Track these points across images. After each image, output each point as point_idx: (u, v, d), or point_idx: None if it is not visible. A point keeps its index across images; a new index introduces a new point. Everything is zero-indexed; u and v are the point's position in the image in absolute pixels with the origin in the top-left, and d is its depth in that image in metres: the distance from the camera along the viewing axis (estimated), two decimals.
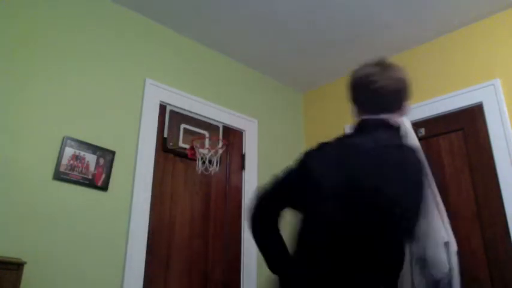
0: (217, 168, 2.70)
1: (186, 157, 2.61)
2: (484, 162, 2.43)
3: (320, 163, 1.27)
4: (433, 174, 2.56)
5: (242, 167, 2.93)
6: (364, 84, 1.35)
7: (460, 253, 2.35)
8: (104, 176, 2.20)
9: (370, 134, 1.32)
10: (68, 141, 2.11)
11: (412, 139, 2.55)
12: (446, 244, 2.29)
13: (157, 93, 2.56)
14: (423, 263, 2.28)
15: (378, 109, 1.34)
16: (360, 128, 1.36)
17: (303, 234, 1.27)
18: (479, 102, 2.52)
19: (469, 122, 2.55)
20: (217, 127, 2.85)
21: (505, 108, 2.40)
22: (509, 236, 2.23)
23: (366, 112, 1.36)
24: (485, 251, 2.32)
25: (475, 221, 2.40)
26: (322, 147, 1.32)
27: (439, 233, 2.23)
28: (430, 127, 2.71)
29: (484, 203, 2.38)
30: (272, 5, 2.52)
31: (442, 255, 2.18)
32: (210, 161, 2.64)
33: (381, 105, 1.34)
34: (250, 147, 3.00)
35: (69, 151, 2.10)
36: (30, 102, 2.05)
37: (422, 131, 2.73)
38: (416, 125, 2.73)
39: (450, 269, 2.21)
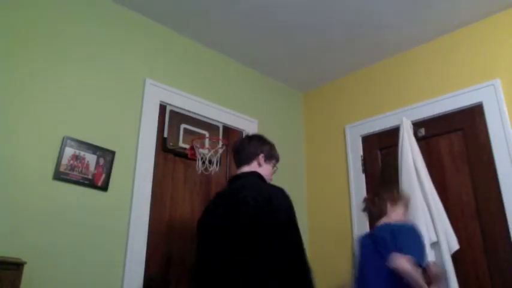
0: (217, 168, 2.70)
1: (186, 157, 2.61)
2: (484, 163, 2.43)
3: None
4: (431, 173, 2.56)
5: None
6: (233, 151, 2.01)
7: (461, 252, 2.36)
8: (104, 176, 2.20)
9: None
10: (68, 141, 2.11)
11: (409, 141, 2.56)
12: (435, 245, 2.29)
13: (157, 93, 2.56)
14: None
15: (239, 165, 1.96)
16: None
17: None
18: (479, 102, 2.51)
19: (469, 122, 2.55)
20: (217, 127, 2.85)
21: (505, 108, 2.40)
22: (509, 236, 2.23)
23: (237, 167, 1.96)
24: (485, 251, 2.32)
25: (475, 221, 2.40)
26: None
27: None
28: (430, 127, 2.71)
29: (484, 203, 2.38)
30: (272, 5, 2.52)
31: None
32: (210, 161, 2.63)
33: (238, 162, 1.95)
34: None
35: (69, 151, 2.10)
36: (30, 102, 2.05)
37: (422, 131, 2.73)
38: (416, 125, 2.74)
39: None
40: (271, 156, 1.99)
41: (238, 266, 1.52)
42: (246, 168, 1.91)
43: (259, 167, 1.92)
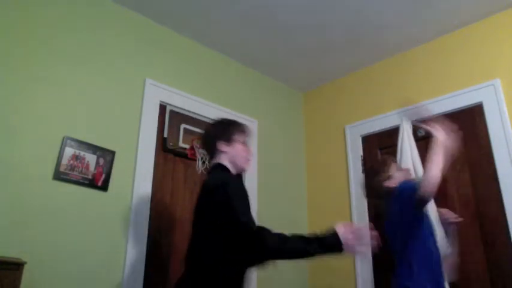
0: None
1: (186, 157, 2.61)
2: (484, 163, 2.43)
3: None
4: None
5: None
6: None
7: (460, 252, 2.36)
8: (104, 176, 2.20)
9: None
10: (68, 141, 2.11)
11: (409, 141, 2.55)
12: None
13: (157, 93, 2.56)
14: None
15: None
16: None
17: None
18: (479, 102, 2.51)
19: (469, 122, 2.55)
20: None
21: (505, 108, 2.40)
22: (509, 236, 2.23)
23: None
24: (485, 251, 2.32)
25: (475, 221, 2.40)
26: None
27: None
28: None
29: (484, 203, 2.38)
30: (272, 5, 2.52)
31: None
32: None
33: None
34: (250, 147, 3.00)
35: (69, 151, 2.10)
36: (30, 102, 2.05)
37: (422, 131, 2.73)
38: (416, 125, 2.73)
39: None
40: (230, 134, 1.81)
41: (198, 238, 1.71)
42: (212, 161, 1.84)
43: (225, 154, 1.79)
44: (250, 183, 2.90)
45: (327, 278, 2.97)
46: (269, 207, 2.97)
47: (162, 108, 2.59)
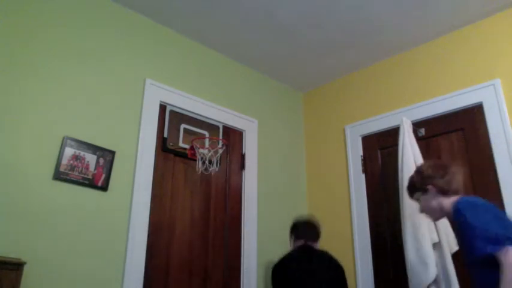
0: (217, 168, 2.70)
1: (186, 157, 2.62)
2: (484, 162, 2.43)
3: None
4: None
5: (242, 167, 2.93)
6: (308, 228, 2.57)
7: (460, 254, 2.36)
8: (104, 176, 2.20)
9: None
10: (68, 141, 2.11)
11: (410, 140, 2.56)
12: (436, 245, 2.29)
13: (157, 93, 2.56)
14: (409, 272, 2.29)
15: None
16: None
17: None
18: (479, 102, 2.51)
19: (469, 122, 2.55)
20: (217, 127, 2.85)
21: (505, 108, 2.40)
22: None
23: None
24: None
25: None
26: None
27: (423, 238, 2.24)
28: (430, 127, 2.71)
29: None
30: (272, 5, 2.53)
31: (420, 266, 2.21)
32: (210, 161, 2.64)
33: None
34: (250, 147, 3.00)
35: (69, 151, 2.10)
36: (30, 102, 2.05)
37: (422, 131, 2.73)
38: (416, 125, 2.74)
39: (437, 276, 2.22)
40: None
41: None
42: (315, 244, 2.50)
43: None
44: (250, 183, 2.90)
45: None
46: (269, 207, 2.97)
47: (162, 108, 2.59)
